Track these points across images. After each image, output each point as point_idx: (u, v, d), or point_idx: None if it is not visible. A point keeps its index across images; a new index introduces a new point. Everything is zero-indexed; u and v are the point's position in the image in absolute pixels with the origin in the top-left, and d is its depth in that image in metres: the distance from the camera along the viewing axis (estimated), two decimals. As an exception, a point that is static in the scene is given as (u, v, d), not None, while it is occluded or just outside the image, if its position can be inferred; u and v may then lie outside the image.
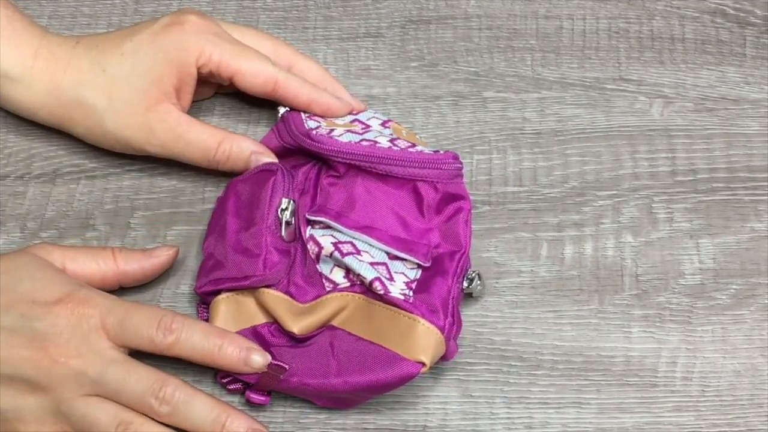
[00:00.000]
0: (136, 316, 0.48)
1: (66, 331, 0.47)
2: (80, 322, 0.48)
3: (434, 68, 0.63)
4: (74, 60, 0.56)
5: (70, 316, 0.48)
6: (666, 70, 0.63)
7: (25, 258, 0.50)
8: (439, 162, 0.53)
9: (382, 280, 0.50)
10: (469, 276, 0.53)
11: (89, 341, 0.48)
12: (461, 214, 0.54)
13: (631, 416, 0.53)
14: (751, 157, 0.60)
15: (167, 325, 0.48)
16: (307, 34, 0.65)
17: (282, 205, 0.52)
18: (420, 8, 0.66)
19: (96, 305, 0.49)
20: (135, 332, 0.48)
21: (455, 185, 0.54)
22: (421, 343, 0.49)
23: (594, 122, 0.61)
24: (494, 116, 0.62)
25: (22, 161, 0.60)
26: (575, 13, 0.65)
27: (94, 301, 0.49)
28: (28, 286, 0.49)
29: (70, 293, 0.49)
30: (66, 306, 0.48)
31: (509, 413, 0.53)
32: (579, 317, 0.55)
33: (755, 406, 0.53)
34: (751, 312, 0.56)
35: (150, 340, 0.48)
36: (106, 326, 0.48)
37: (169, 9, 0.65)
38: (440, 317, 0.50)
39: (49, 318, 0.48)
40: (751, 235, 0.58)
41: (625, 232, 0.58)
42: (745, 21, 0.65)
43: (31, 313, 0.48)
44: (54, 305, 0.48)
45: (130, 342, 0.48)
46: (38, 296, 0.48)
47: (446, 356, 0.51)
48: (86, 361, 0.47)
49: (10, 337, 0.47)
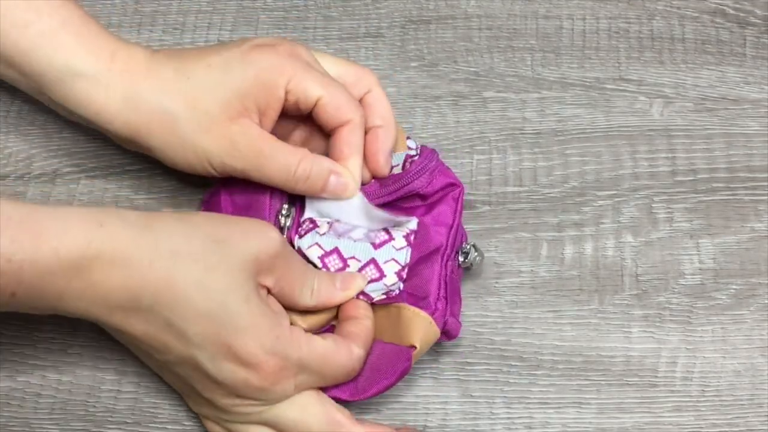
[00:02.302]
0: (327, 373, 0.49)
1: (254, 393, 0.47)
2: (271, 390, 0.47)
3: (434, 68, 0.63)
4: (154, 66, 0.52)
5: (262, 381, 0.47)
6: (666, 70, 0.63)
7: (241, 276, 0.47)
8: (413, 175, 0.53)
9: (365, 292, 0.51)
10: (464, 250, 0.53)
11: (274, 399, 0.48)
12: (451, 193, 0.54)
13: (631, 416, 0.53)
14: (751, 157, 0.60)
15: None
16: (307, 34, 0.65)
17: (283, 210, 0.52)
18: (420, 8, 0.66)
19: (290, 374, 0.47)
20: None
21: (441, 176, 0.54)
22: (410, 327, 0.50)
23: (594, 122, 0.61)
24: (494, 116, 0.62)
25: (22, 161, 0.60)
26: (575, 13, 0.65)
27: (288, 371, 0.47)
28: (232, 323, 0.46)
29: (267, 360, 0.46)
30: (260, 372, 0.46)
31: (509, 413, 0.53)
32: (579, 317, 0.55)
33: (755, 406, 0.53)
34: (751, 312, 0.56)
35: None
36: (296, 386, 0.48)
37: (169, 9, 0.65)
38: (429, 302, 0.50)
39: (241, 375, 0.47)
40: (751, 235, 0.58)
41: (625, 232, 0.58)
42: (745, 21, 0.65)
43: (223, 365, 0.46)
44: (248, 367, 0.46)
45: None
46: (237, 345, 0.46)
47: (450, 334, 0.51)
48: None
49: (196, 370, 0.47)
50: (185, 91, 0.51)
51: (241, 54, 0.52)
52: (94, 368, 0.54)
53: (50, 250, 0.43)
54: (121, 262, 0.44)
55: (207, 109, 0.51)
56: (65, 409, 0.53)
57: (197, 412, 0.51)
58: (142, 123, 0.52)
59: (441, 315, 0.50)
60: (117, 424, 0.53)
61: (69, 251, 0.43)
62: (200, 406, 0.50)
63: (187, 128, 0.51)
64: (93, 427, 0.53)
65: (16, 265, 0.42)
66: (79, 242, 0.43)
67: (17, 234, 0.42)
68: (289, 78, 0.51)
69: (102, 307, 0.45)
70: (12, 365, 0.54)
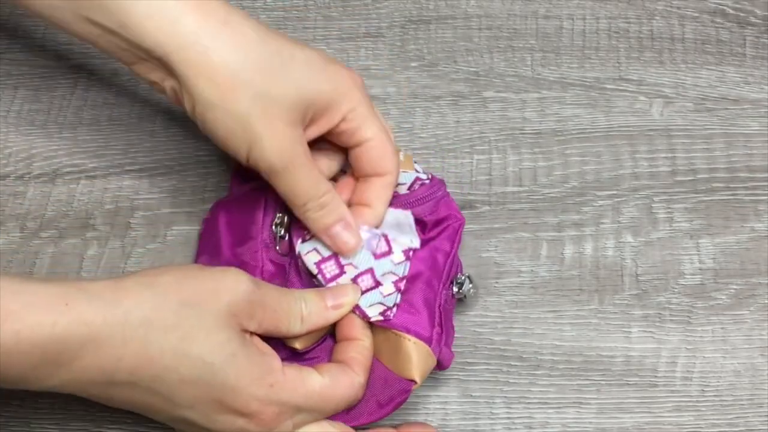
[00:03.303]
0: (327, 409, 0.48)
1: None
2: (271, 431, 0.46)
3: (434, 68, 0.63)
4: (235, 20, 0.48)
5: (261, 427, 0.46)
6: (666, 70, 0.63)
7: (223, 335, 0.45)
8: (418, 200, 0.53)
9: (360, 308, 0.50)
10: (458, 280, 0.52)
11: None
12: (452, 224, 0.53)
13: (631, 416, 0.53)
14: (751, 157, 0.60)
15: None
16: (307, 34, 0.65)
17: (276, 219, 0.52)
18: (420, 8, 0.66)
19: (288, 418, 0.46)
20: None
21: (445, 207, 0.53)
22: (411, 360, 0.49)
23: (594, 122, 0.61)
24: (494, 116, 0.62)
25: (22, 161, 0.60)
26: (575, 13, 0.65)
27: (285, 415, 0.46)
28: (219, 381, 0.45)
29: (262, 410, 0.45)
30: (256, 421, 0.46)
31: (509, 413, 0.53)
32: (579, 317, 0.55)
33: (755, 406, 0.53)
34: (751, 312, 0.56)
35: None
36: (295, 425, 0.47)
37: (169, 9, 0.65)
38: (426, 327, 0.50)
39: (237, 425, 0.46)
40: (751, 235, 0.58)
41: (625, 232, 0.58)
42: (745, 21, 0.65)
43: (217, 418, 0.45)
44: (243, 416, 0.46)
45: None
46: (228, 400, 0.45)
47: (442, 365, 0.51)
48: None
49: (188, 426, 0.46)
50: (264, 66, 0.48)
51: (323, 62, 0.49)
52: (94, 368, 0.54)
53: (11, 333, 0.40)
54: (92, 344, 0.42)
55: (277, 98, 0.48)
56: (65, 409, 0.53)
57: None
58: (208, 67, 0.47)
59: (437, 343, 0.50)
60: (117, 424, 0.53)
61: (32, 332, 0.41)
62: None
63: (250, 102, 0.47)
64: (93, 427, 0.53)
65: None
66: (43, 323, 0.41)
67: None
68: (353, 107, 0.50)
69: (76, 384, 0.43)
70: (12, 365, 0.54)
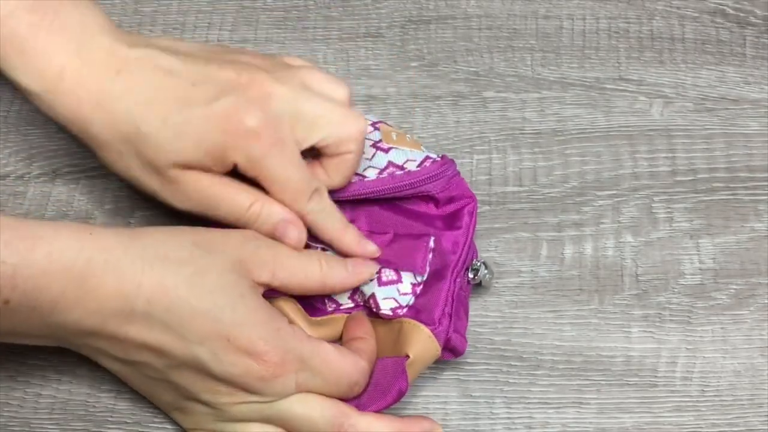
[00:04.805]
0: (330, 377, 0.48)
1: (256, 384, 0.47)
2: (273, 382, 0.47)
3: (434, 68, 0.63)
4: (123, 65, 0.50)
5: (263, 371, 0.46)
6: (666, 70, 0.63)
7: (233, 276, 0.47)
8: (429, 178, 0.53)
9: (375, 297, 0.51)
10: (474, 267, 0.53)
11: (275, 394, 0.47)
12: (466, 206, 0.53)
13: (631, 416, 0.53)
14: (751, 157, 0.60)
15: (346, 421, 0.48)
16: (307, 34, 0.65)
17: None
18: (420, 8, 0.66)
19: (292, 368, 0.47)
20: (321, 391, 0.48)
21: (456, 186, 0.54)
22: (407, 338, 0.50)
23: (594, 122, 0.61)
24: (494, 116, 0.62)
25: (22, 161, 0.60)
26: (575, 13, 0.65)
27: (290, 364, 0.47)
28: (228, 317, 0.46)
29: (267, 351, 0.46)
30: (261, 362, 0.46)
31: (509, 413, 0.53)
32: (579, 317, 0.55)
33: (755, 406, 0.53)
34: (751, 312, 0.56)
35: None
36: (298, 384, 0.47)
37: (169, 9, 0.65)
38: (433, 318, 0.50)
39: (242, 365, 0.46)
40: (751, 235, 0.58)
41: (625, 232, 0.58)
42: (745, 21, 0.65)
43: (224, 357, 0.46)
44: (250, 356, 0.46)
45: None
46: (236, 336, 0.46)
47: (456, 351, 0.51)
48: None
49: (196, 372, 0.47)
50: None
51: (206, 102, 0.48)
52: (94, 368, 0.54)
53: (44, 254, 0.43)
54: (114, 268, 0.45)
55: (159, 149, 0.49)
56: (65, 409, 0.53)
57: (193, 429, 0.50)
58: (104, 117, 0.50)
59: (444, 331, 0.50)
60: (117, 424, 0.53)
61: (62, 254, 0.44)
62: (196, 420, 0.50)
63: (147, 150, 0.49)
64: (93, 427, 0.53)
65: (9, 269, 0.42)
66: (71, 246, 0.44)
67: (11, 239, 0.43)
68: (246, 156, 0.49)
69: (96, 316, 0.45)
70: (12, 366, 0.54)
